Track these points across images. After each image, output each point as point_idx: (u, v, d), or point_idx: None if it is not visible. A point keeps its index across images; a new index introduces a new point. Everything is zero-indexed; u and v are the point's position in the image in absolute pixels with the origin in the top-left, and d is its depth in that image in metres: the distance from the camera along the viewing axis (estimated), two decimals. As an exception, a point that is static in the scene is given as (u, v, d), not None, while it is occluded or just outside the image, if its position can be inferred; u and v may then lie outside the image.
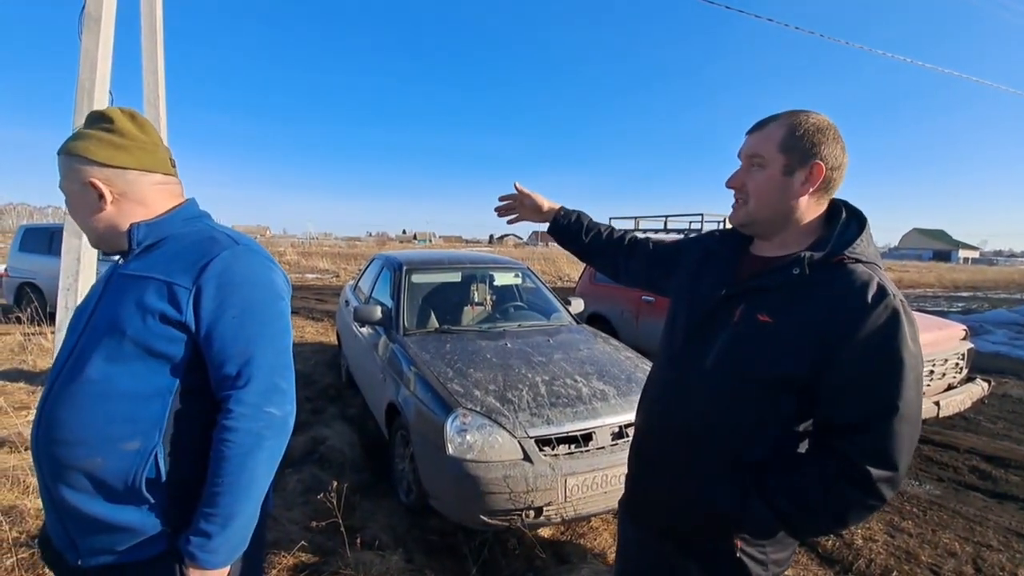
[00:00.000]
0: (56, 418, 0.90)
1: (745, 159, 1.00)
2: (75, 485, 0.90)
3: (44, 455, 0.91)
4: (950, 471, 3.60)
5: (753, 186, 0.98)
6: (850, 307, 0.87)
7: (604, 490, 2.30)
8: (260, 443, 0.93)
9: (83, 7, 3.84)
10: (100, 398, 0.90)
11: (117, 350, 0.91)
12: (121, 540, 0.93)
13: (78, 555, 0.94)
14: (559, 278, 17.91)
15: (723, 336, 0.99)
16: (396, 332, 3.35)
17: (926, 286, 22.86)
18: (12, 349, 5.60)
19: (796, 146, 0.93)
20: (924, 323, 4.16)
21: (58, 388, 0.92)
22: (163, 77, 4.83)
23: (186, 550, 0.91)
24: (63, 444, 0.90)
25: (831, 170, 0.94)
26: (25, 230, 7.76)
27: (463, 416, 2.32)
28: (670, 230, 5.67)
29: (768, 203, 0.98)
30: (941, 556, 2.59)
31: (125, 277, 0.97)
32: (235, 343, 0.94)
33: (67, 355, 0.95)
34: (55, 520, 0.96)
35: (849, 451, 0.85)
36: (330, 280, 16.80)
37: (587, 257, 1.47)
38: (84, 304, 1.02)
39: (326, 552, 2.32)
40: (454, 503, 2.32)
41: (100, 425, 0.90)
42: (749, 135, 1.01)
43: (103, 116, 0.99)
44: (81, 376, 0.90)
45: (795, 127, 0.94)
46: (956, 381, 3.90)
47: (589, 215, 1.47)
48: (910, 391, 0.84)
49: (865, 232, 0.95)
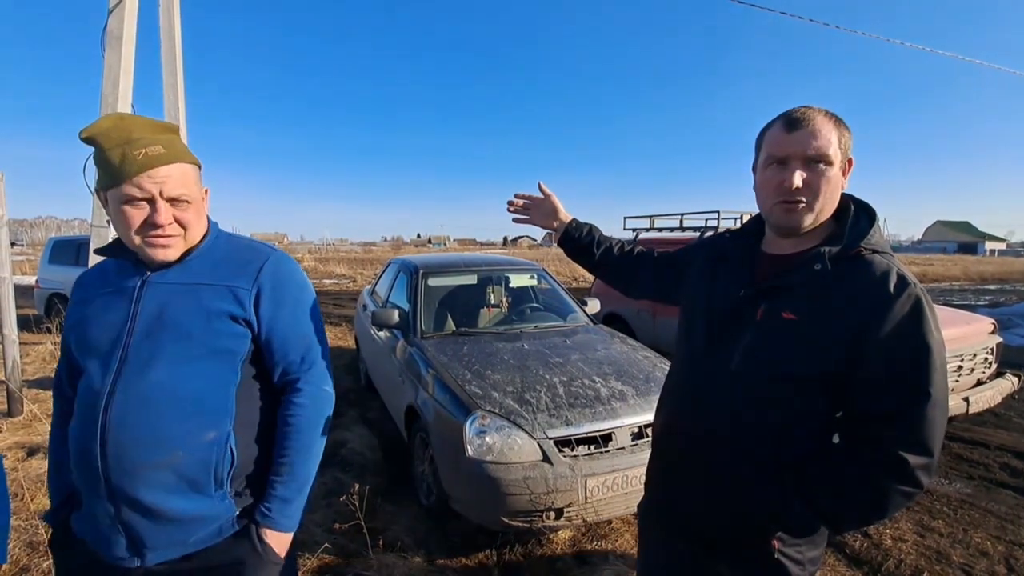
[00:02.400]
0: (126, 422, 0.93)
1: (803, 160, 0.93)
2: (152, 483, 0.94)
3: (114, 459, 0.92)
4: (981, 469, 3.50)
5: (826, 187, 0.94)
6: (874, 298, 0.87)
7: (625, 491, 2.29)
8: (322, 416, 1.11)
9: (105, 25, 3.96)
10: (172, 397, 0.95)
11: (184, 352, 0.97)
12: (194, 530, 0.98)
13: (142, 556, 0.96)
14: (574, 279, 17.86)
15: (747, 336, 0.98)
16: (414, 335, 3.38)
17: (952, 279, 22.26)
18: (44, 358, 5.79)
19: (844, 143, 0.95)
20: (951, 317, 4.05)
21: (121, 394, 0.93)
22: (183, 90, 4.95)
23: (267, 519, 1.02)
24: (139, 445, 0.93)
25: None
26: (54, 243, 8.01)
27: (482, 418, 2.33)
28: (686, 228, 5.61)
29: (832, 203, 0.98)
30: (973, 556, 2.52)
31: (172, 286, 1.00)
32: (295, 334, 1.09)
33: (117, 362, 0.95)
34: (112, 525, 0.95)
35: (884, 440, 0.85)
36: (347, 285, 17.00)
37: (597, 270, 1.45)
38: (105, 314, 0.99)
39: (349, 554, 2.35)
40: (474, 505, 2.33)
41: (177, 422, 0.95)
42: (796, 133, 0.93)
43: (173, 126, 1.03)
44: (148, 379, 0.94)
45: (837, 125, 0.95)
46: (985, 376, 3.80)
47: (600, 230, 1.46)
48: (939, 376, 0.84)
49: (876, 223, 0.96)
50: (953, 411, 3.49)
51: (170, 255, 0.99)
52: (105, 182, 0.94)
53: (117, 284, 1.01)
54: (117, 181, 0.92)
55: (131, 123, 0.94)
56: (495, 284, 4.20)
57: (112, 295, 1.01)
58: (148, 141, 0.93)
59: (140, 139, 0.92)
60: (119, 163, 0.91)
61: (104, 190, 0.95)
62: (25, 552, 2.26)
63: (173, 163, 0.95)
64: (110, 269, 1.05)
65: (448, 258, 4.67)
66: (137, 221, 0.94)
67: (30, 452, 3.34)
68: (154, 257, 0.98)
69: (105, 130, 0.92)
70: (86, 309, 1.02)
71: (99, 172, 0.95)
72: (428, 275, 3.94)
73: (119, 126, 0.93)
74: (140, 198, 0.93)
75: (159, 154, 0.93)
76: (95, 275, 1.07)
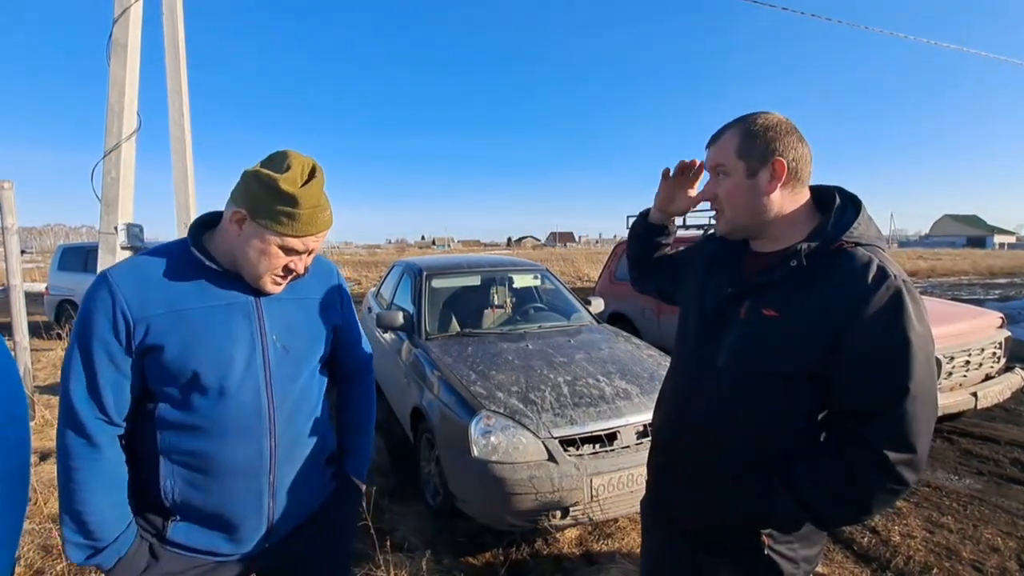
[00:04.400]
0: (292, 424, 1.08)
1: (711, 171, 1.04)
2: (303, 469, 1.12)
3: (283, 456, 1.06)
4: (990, 464, 3.47)
5: (723, 195, 1.02)
6: (852, 291, 0.86)
7: (631, 489, 2.30)
8: (375, 399, 1.38)
9: (110, 34, 4.01)
10: (312, 398, 1.14)
11: (314, 359, 1.14)
12: (309, 499, 1.17)
13: (272, 537, 1.09)
14: (578, 278, 17.83)
15: (732, 334, 1.00)
16: (418, 337, 3.39)
17: (960, 274, 22.05)
18: (55, 364, 5.85)
19: (752, 149, 0.96)
20: (958, 312, 4.02)
21: (280, 400, 1.05)
22: (187, 96, 5.00)
23: (359, 473, 1.31)
24: (300, 441, 1.11)
25: (793, 162, 0.96)
26: (63, 249, 8.11)
27: (487, 418, 2.35)
28: (689, 226, 5.60)
29: (741, 208, 1.00)
30: (983, 552, 2.50)
31: (287, 301, 1.09)
32: (358, 333, 1.32)
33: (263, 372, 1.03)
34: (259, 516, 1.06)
35: (866, 436, 0.85)
36: (352, 288, 17.07)
37: (642, 263, 1.42)
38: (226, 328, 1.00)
39: (357, 554, 2.37)
40: (480, 505, 2.34)
41: (315, 417, 1.15)
42: (708, 148, 1.05)
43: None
44: (297, 387, 1.09)
45: (747, 131, 0.97)
46: (994, 371, 3.77)
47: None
48: (921, 371, 0.83)
49: (862, 215, 0.95)
50: (961, 406, 3.47)
51: (279, 291, 1.06)
52: (273, 224, 0.95)
53: (224, 298, 1.01)
54: (291, 233, 0.96)
55: (320, 186, 0.99)
56: (499, 285, 4.22)
57: (225, 309, 1.00)
58: (326, 206, 1.01)
59: (324, 204, 1.00)
60: (306, 222, 0.96)
61: (265, 227, 0.95)
62: (39, 555, 2.29)
63: (330, 227, 1.04)
64: (184, 280, 0.99)
65: (452, 259, 4.68)
66: (279, 264, 1.00)
67: (43, 457, 3.38)
68: (267, 291, 1.04)
69: (308, 190, 0.95)
70: (196, 327, 0.96)
71: (268, 211, 0.94)
72: (432, 277, 3.96)
73: (316, 190, 0.97)
74: (299, 251, 1.01)
75: (330, 218, 1.02)
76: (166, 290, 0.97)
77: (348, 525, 1.33)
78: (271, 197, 0.94)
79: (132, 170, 4.10)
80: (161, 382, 0.97)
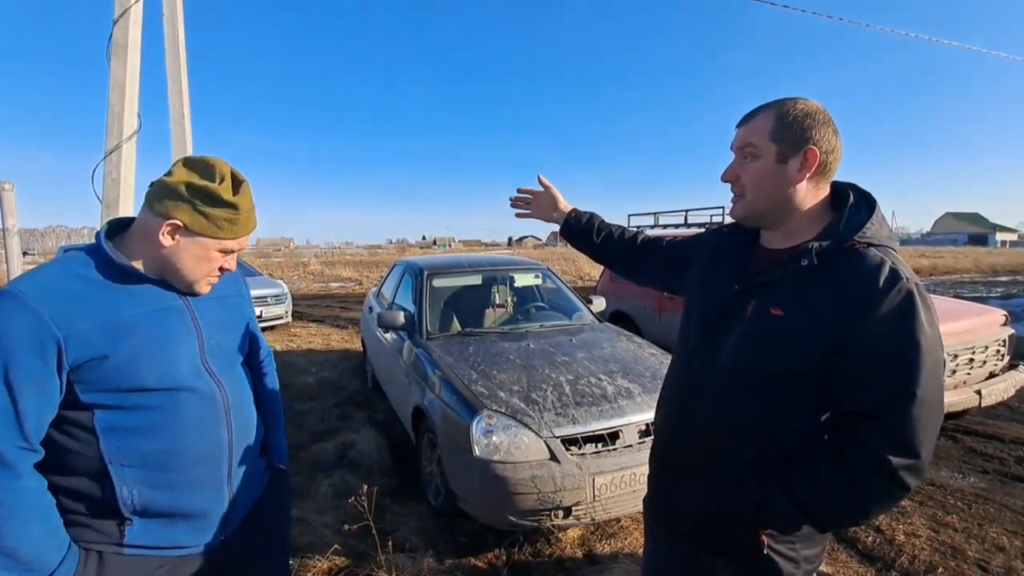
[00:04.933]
0: (240, 414, 1.14)
1: (738, 151, 0.99)
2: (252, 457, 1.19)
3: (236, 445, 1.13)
4: (995, 462, 3.45)
5: (748, 178, 0.97)
6: (862, 293, 0.84)
7: (633, 489, 2.28)
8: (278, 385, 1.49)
9: (110, 35, 4.00)
10: (248, 389, 1.22)
11: (242, 352, 1.24)
12: (255, 486, 1.24)
13: (230, 525, 1.14)
14: (580, 277, 17.82)
15: (736, 332, 0.98)
16: (419, 336, 3.38)
17: (963, 272, 21.98)
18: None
19: (787, 134, 0.92)
20: (961, 310, 4.00)
21: (231, 394, 1.12)
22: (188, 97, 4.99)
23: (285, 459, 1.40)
24: (247, 430, 1.17)
25: (825, 154, 0.92)
26: (65, 251, 8.11)
27: (488, 417, 2.34)
28: (691, 224, 5.59)
29: (765, 194, 0.96)
30: (989, 551, 2.49)
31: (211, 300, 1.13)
32: (258, 328, 1.38)
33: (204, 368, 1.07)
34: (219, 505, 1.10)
35: (868, 439, 0.83)
36: (353, 288, 17.06)
37: (600, 257, 1.46)
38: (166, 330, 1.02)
39: (359, 555, 2.36)
40: (482, 505, 2.33)
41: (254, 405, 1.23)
42: (739, 127, 1.00)
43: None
44: (236, 376, 1.17)
45: (784, 115, 0.93)
46: (998, 369, 3.75)
47: (601, 216, 1.47)
48: (928, 376, 0.81)
49: (876, 215, 0.93)
50: (965, 404, 3.45)
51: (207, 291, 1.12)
52: (213, 231, 1.01)
53: (156, 303, 1.02)
54: (231, 236, 1.03)
55: (247, 187, 1.06)
56: (500, 284, 4.21)
57: (161, 313, 1.02)
58: (255, 206, 1.09)
59: (254, 206, 1.08)
60: (243, 224, 1.04)
61: (202, 236, 1.00)
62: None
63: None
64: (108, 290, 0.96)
65: (453, 259, 4.67)
66: (216, 266, 1.07)
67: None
68: (199, 293, 1.09)
69: (242, 196, 1.03)
70: (139, 335, 0.96)
71: (208, 220, 0.99)
72: (433, 276, 3.95)
73: (245, 191, 1.05)
74: (233, 250, 1.08)
75: (256, 218, 1.09)
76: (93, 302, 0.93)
77: (283, 511, 1.42)
78: (213, 207, 0.99)
79: (133, 171, 4.08)
80: (101, 393, 0.93)
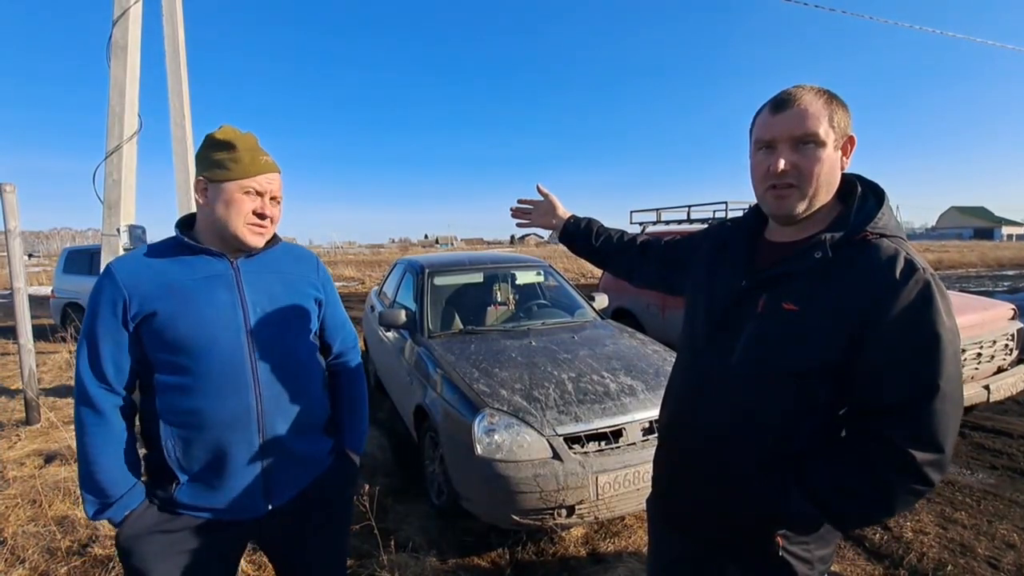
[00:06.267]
0: (275, 384, 1.16)
1: (790, 141, 0.89)
2: (294, 430, 1.19)
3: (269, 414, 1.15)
4: (1004, 458, 3.41)
5: (816, 169, 0.89)
6: (878, 284, 0.82)
7: (637, 487, 2.26)
8: (364, 378, 1.48)
9: (110, 36, 4.00)
10: (299, 361, 1.24)
11: (299, 326, 1.25)
12: (310, 465, 1.26)
13: (272, 499, 1.18)
14: (582, 275, 17.79)
15: (748, 329, 0.95)
16: (421, 335, 3.37)
17: (968, 266, 21.84)
18: (60, 367, 5.88)
19: (840, 122, 0.89)
20: (969, 303, 3.96)
21: (263, 362, 1.15)
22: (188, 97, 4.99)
23: (356, 447, 1.39)
24: (289, 401, 1.19)
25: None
26: (68, 252, 8.12)
27: (490, 416, 2.32)
28: (693, 220, 5.55)
29: (828, 185, 0.91)
30: (999, 548, 2.46)
31: (268, 275, 1.20)
32: (341, 316, 1.42)
33: (245, 337, 1.13)
34: (255, 476, 1.14)
35: (891, 435, 0.81)
36: (356, 287, 17.09)
37: (599, 261, 1.47)
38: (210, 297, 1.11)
39: (361, 555, 2.35)
40: (485, 504, 2.31)
41: (305, 380, 1.24)
42: (782, 114, 0.90)
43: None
44: (282, 348, 1.19)
45: (830, 102, 0.89)
46: (1006, 363, 3.70)
47: (600, 221, 1.48)
48: (950, 368, 0.79)
49: (885, 205, 0.90)
50: (974, 399, 3.41)
51: (260, 242, 1.17)
52: (226, 175, 1.10)
53: (206, 271, 1.13)
54: (243, 175, 1.10)
55: (251, 136, 1.15)
56: (501, 282, 4.18)
57: (207, 280, 1.13)
58: (264, 152, 1.15)
59: (260, 149, 1.14)
60: (249, 162, 1.11)
61: (216, 181, 1.10)
62: (44, 558, 2.29)
63: (278, 172, 1.18)
64: (170, 259, 1.13)
65: (454, 257, 4.66)
66: (248, 209, 1.12)
67: (48, 459, 3.39)
68: (249, 242, 1.14)
69: (239, 136, 1.12)
70: (183, 297, 1.09)
71: (218, 165, 1.10)
72: (434, 274, 3.93)
73: (247, 136, 1.14)
74: (257, 192, 1.13)
75: (273, 163, 1.16)
76: (155, 268, 1.10)
77: (346, 499, 1.41)
78: (212, 150, 1.11)
79: (133, 172, 4.09)
80: (156, 349, 1.08)
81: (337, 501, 1.34)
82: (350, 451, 1.38)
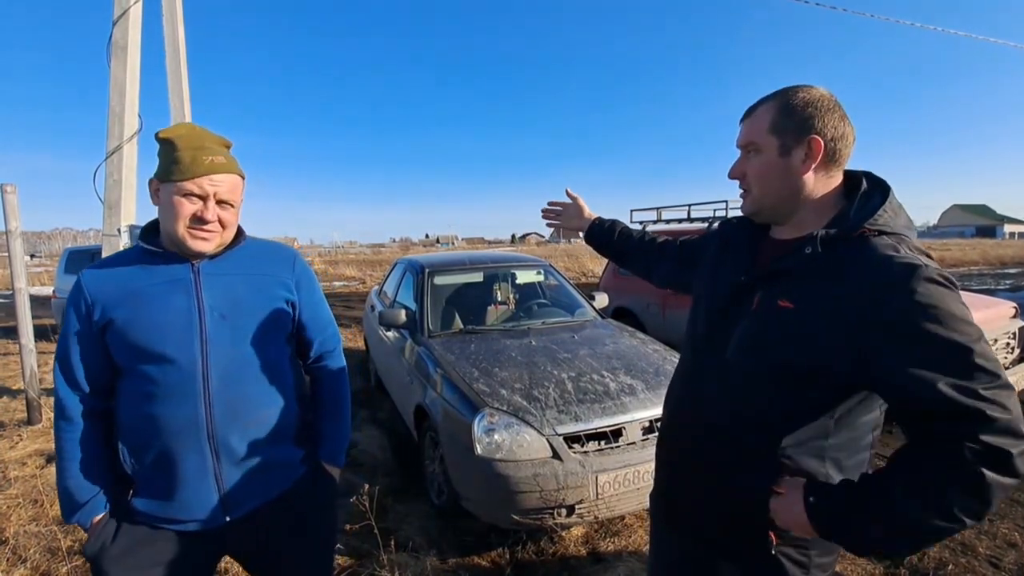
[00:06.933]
0: (228, 390, 1.10)
1: (741, 148, 0.99)
2: (250, 438, 1.14)
3: (220, 422, 1.10)
4: (1006, 457, 3.40)
5: (753, 173, 0.97)
6: (876, 284, 0.79)
7: (637, 486, 2.26)
8: (347, 381, 1.41)
9: (110, 36, 4.00)
10: (258, 366, 1.16)
11: (260, 329, 1.17)
12: (275, 476, 1.20)
13: (230, 511, 1.13)
14: (583, 274, 17.78)
15: (742, 325, 0.94)
16: (421, 335, 3.37)
17: (970, 264, 21.78)
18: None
19: (788, 125, 0.90)
20: (970, 302, 3.94)
21: (216, 368, 1.10)
22: (188, 98, 4.99)
23: (333, 458, 1.32)
24: (240, 407, 1.13)
25: (832, 142, 0.89)
26: (69, 252, 8.14)
27: (490, 415, 2.32)
28: (694, 219, 5.54)
29: (771, 188, 0.95)
30: (1000, 547, 2.45)
31: (229, 277, 1.15)
32: (322, 317, 1.34)
33: (199, 342, 1.09)
34: (209, 486, 1.10)
35: (975, 433, 0.72)
36: (356, 287, 17.10)
37: (620, 259, 1.53)
38: (167, 302, 1.09)
39: (361, 554, 2.36)
40: (485, 503, 2.31)
41: (264, 385, 1.17)
42: (742, 123, 0.99)
43: (230, 142, 1.17)
44: (238, 353, 1.13)
45: (784, 106, 0.91)
46: (1008, 362, 3.70)
47: (624, 223, 1.54)
48: (981, 347, 0.73)
49: (889, 201, 0.89)
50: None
51: (206, 248, 1.11)
52: (166, 176, 1.06)
53: (166, 276, 1.11)
54: (181, 177, 1.04)
55: (202, 133, 1.10)
56: (502, 281, 4.18)
57: (166, 285, 1.10)
58: (214, 151, 1.08)
59: (208, 148, 1.08)
60: (189, 163, 1.05)
61: (162, 181, 1.07)
62: (45, 558, 2.30)
63: (229, 173, 1.10)
64: (135, 266, 1.11)
65: (454, 256, 4.66)
66: (187, 213, 1.06)
67: (49, 459, 3.40)
68: (192, 248, 1.09)
69: (182, 135, 1.07)
70: (139, 303, 1.07)
71: (162, 166, 1.07)
72: (434, 274, 3.93)
73: (192, 133, 1.09)
74: (197, 195, 1.06)
75: (221, 163, 1.08)
76: (119, 276, 1.10)
77: (322, 512, 1.31)
78: (160, 149, 1.07)
79: (134, 172, 4.09)
80: (119, 355, 1.08)
81: (311, 513, 1.27)
82: (326, 464, 1.31)
